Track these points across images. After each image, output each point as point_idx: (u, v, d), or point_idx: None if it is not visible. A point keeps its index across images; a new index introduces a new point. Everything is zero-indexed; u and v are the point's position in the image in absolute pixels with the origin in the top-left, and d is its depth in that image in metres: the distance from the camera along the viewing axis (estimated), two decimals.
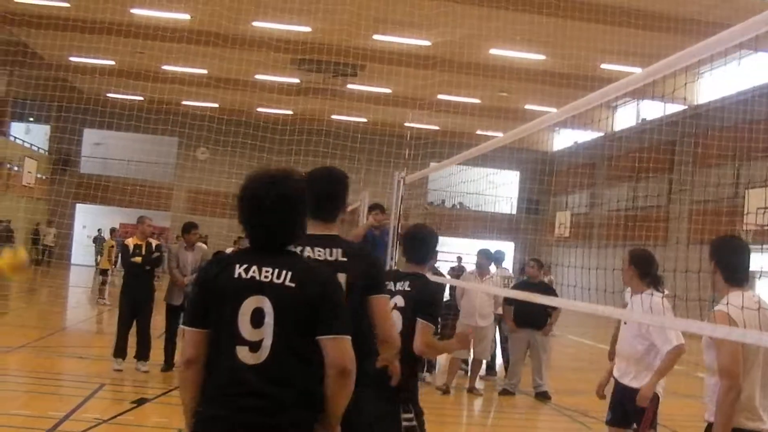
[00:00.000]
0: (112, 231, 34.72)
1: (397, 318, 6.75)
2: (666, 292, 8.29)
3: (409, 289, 6.94)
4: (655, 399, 7.87)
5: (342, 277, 5.11)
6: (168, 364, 14.50)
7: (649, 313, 7.64)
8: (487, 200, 52.94)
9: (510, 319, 15.60)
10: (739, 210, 29.12)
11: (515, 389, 15.48)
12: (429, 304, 6.90)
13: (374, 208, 13.54)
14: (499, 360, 18.12)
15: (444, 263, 28.04)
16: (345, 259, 5.27)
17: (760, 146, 30.34)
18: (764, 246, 25.32)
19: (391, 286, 6.91)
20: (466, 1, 27.22)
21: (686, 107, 38.44)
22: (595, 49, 31.96)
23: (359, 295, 5.19)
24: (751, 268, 6.12)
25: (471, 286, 15.16)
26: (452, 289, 17.16)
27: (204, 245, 15.97)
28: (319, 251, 5.26)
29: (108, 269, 28.42)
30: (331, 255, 5.27)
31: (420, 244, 7.28)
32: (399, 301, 6.89)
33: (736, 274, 5.98)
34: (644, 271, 8.13)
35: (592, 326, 29.27)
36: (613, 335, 10.20)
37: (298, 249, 5.11)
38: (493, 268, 16.46)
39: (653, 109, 42.05)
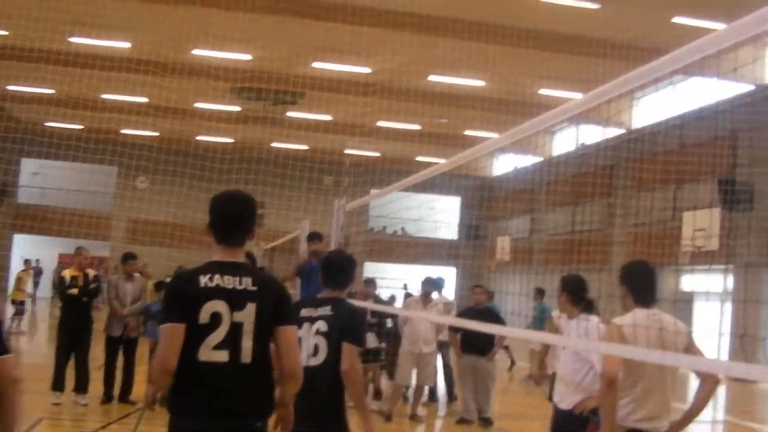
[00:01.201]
0: (26, 262, 34.59)
1: (321, 342, 6.87)
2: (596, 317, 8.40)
3: (331, 313, 6.98)
4: (597, 422, 7.93)
5: (252, 307, 5.13)
6: (107, 397, 14.35)
7: (585, 337, 7.79)
8: (428, 226, 53.16)
9: (456, 346, 15.63)
10: (677, 233, 29.47)
11: (472, 416, 15.45)
12: (354, 327, 6.95)
13: (312, 237, 13.57)
14: (441, 386, 18.15)
15: (386, 290, 27.97)
16: (255, 288, 5.19)
17: (696, 169, 30.73)
18: (696, 267, 25.73)
19: (311, 312, 7.00)
20: (406, 28, 27.35)
21: (624, 131, 38.86)
22: (534, 75, 32.27)
23: (269, 325, 5.20)
24: (657, 289, 6.74)
25: (416, 314, 15.17)
26: (394, 315, 17.16)
27: (140, 275, 15.75)
28: (229, 279, 5.16)
29: (23, 300, 28.38)
30: (240, 284, 5.17)
31: (338, 269, 7.33)
32: (322, 326, 6.95)
33: (645, 296, 6.56)
34: (577, 296, 8.30)
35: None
36: (539, 360, 10.27)
37: (207, 276, 5.14)
38: (435, 294, 16.50)
39: (592, 134, 42.45)
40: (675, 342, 6.31)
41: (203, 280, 5.14)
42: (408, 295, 23.37)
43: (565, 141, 45.97)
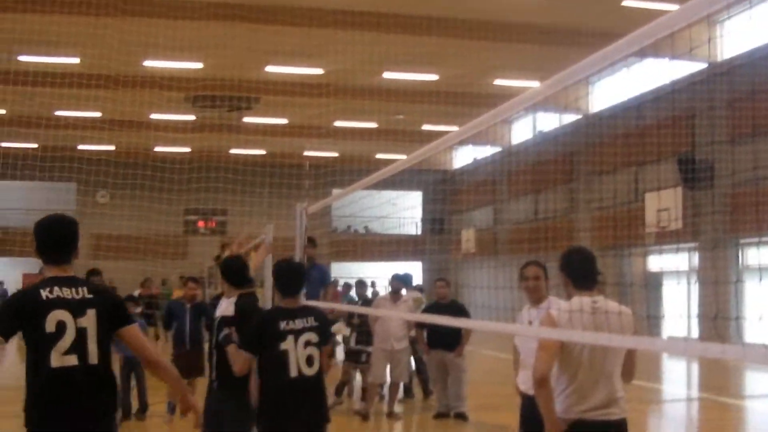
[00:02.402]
0: None
1: (314, 353, 7.40)
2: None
3: (317, 323, 7.46)
4: None
5: (92, 312, 5.54)
6: None
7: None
8: (392, 223, 53.12)
9: (423, 342, 15.59)
10: (640, 214, 29.57)
11: (449, 410, 15.38)
12: (331, 333, 7.42)
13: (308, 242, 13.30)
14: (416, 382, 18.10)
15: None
16: (92, 296, 5.60)
17: (655, 150, 30.87)
18: (663, 247, 25.81)
19: (291, 324, 7.39)
20: (355, 27, 27.28)
21: (581, 117, 38.98)
22: (486, 65, 32.29)
23: (109, 329, 5.64)
24: (598, 272, 6.65)
25: (385, 313, 15.07)
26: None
27: None
28: (66, 290, 5.52)
29: None
30: (77, 293, 5.56)
31: (298, 277, 7.79)
32: (312, 337, 7.39)
33: (585, 281, 6.49)
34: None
35: (507, 339, 29.34)
36: (513, 362, 9.71)
37: (47, 290, 5.49)
38: (404, 291, 16.40)
39: (549, 121, 42.57)
40: (621, 325, 6.23)
41: (44, 293, 5.48)
42: (376, 293, 23.34)
43: (523, 130, 46.06)
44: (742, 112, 27.73)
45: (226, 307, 8.49)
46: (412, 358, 17.23)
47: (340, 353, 19.13)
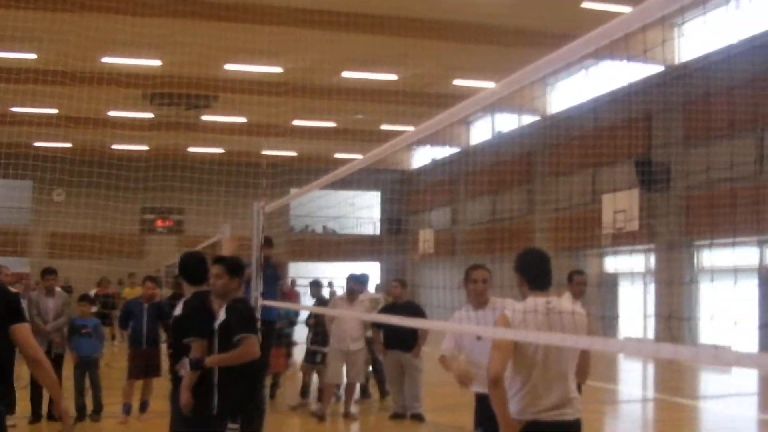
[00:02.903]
0: None
1: None
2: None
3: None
4: None
5: None
6: (36, 416, 14.01)
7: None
8: (350, 223, 53.09)
9: (379, 343, 15.58)
10: (597, 216, 29.73)
11: (405, 410, 15.38)
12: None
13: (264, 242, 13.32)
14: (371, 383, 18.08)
15: (305, 288, 27.88)
16: None
17: (612, 152, 31.02)
18: (618, 249, 25.92)
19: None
20: (315, 26, 27.25)
21: (539, 118, 39.11)
22: (446, 66, 32.36)
23: (1, 324, 5.90)
24: (552, 273, 6.69)
25: (340, 313, 15.07)
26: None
27: (62, 290, 15.49)
28: None
29: None
30: None
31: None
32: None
33: (539, 282, 6.54)
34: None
35: None
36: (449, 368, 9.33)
37: None
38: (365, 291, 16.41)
39: (508, 122, 42.69)
40: (575, 326, 6.30)
41: None
42: (333, 294, 23.24)
43: (482, 130, 46.15)
44: (696, 114, 27.93)
45: (178, 307, 8.58)
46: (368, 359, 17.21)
47: (298, 353, 19.11)
